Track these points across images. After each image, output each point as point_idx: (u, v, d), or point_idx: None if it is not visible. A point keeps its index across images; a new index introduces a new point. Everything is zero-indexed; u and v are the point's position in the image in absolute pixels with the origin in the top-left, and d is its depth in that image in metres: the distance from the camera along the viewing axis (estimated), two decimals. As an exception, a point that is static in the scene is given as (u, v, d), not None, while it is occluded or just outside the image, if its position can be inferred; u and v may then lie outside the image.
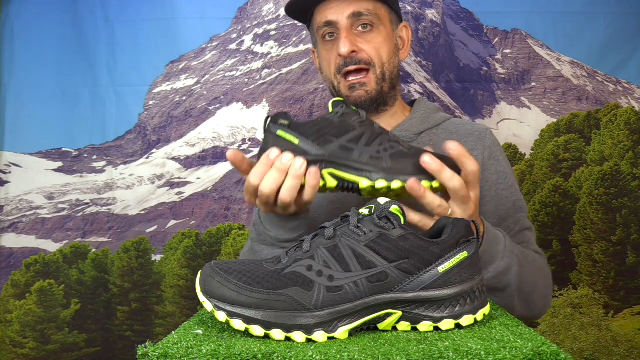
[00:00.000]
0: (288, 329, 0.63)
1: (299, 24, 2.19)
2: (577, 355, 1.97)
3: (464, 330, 0.67)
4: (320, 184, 0.81)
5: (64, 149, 2.15)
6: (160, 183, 2.17)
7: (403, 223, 0.69)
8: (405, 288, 0.66)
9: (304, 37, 2.21)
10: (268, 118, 0.84)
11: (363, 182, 0.80)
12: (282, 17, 2.22)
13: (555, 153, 2.10)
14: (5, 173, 2.11)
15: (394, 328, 0.68)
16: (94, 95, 2.11)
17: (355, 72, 1.13)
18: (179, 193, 2.17)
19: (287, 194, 0.82)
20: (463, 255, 0.68)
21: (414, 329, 0.68)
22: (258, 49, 2.23)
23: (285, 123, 0.82)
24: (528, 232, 1.18)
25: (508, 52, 2.18)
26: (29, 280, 2.06)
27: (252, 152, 2.17)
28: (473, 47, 2.19)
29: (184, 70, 2.19)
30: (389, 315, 0.67)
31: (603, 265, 2.03)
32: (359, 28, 1.13)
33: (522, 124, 2.16)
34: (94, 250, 2.11)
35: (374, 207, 0.69)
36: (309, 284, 0.65)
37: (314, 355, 0.58)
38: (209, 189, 2.16)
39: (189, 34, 2.14)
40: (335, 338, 0.64)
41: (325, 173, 0.81)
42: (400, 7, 1.26)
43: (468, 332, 0.67)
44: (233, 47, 2.22)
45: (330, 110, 0.85)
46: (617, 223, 2.03)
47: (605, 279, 2.02)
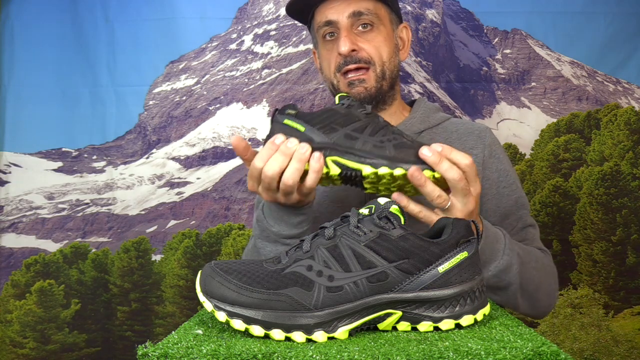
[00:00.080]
0: (288, 329, 0.63)
1: (299, 24, 2.19)
2: (577, 355, 1.97)
3: (464, 330, 0.67)
4: (324, 171, 0.82)
5: (64, 149, 2.15)
6: (160, 183, 2.17)
7: (403, 223, 0.69)
8: (405, 288, 0.66)
9: (304, 37, 2.21)
10: (276, 110, 0.86)
11: (366, 169, 0.81)
12: (282, 17, 2.22)
13: (555, 153, 2.10)
14: (5, 173, 2.11)
15: (394, 328, 0.68)
16: (94, 95, 2.11)
17: (355, 70, 1.13)
18: (179, 193, 2.17)
19: (290, 177, 0.82)
20: (463, 255, 0.68)
21: (414, 329, 0.68)
22: (258, 49, 2.22)
23: (293, 112, 0.85)
24: (531, 229, 1.18)
25: (508, 52, 2.18)
26: (29, 280, 2.06)
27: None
28: (473, 47, 2.19)
29: (184, 70, 2.19)
30: (389, 315, 0.67)
31: (603, 265, 2.03)
32: (359, 27, 1.13)
33: (522, 124, 2.16)
34: (94, 250, 2.11)
35: (374, 207, 0.69)
36: (309, 284, 0.65)
37: (314, 355, 0.58)
38: (209, 189, 2.16)
39: (189, 34, 2.14)
40: (335, 338, 0.64)
41: (329, 160, 0.82)
42: (400, 7, 1.26)
43: (468, 332, 0.67)
44: (233, 47, 2.22)
45: (337, 103, 0.87)
46: (617, 223, 2.03)
47: (605, 279, 2.02)
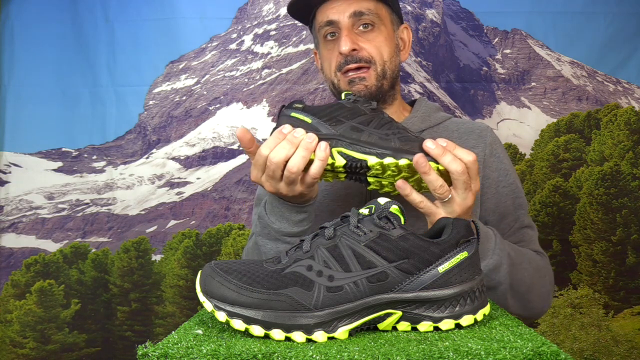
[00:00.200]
0: (288, 329, 0.63)
1: (299, 24, 2.19)
2: (577, 355, 1.97)
3: (464, 330, 0.67)
4: (329, 162, 0.83)
5: (64, 149, 2.15)
6: (160, 183, 2.17)
7: (403, 223, 0.69)
8: (405, 288, 0.66)
9: (304, 37, 2.21)
10: (283, 106, 0.88)
11: (371, 159, 0.82)
12: (282, 17, 2.22)
13: (555, 153, 2.10)
14: (5, 173, 2.11)
15: (394, 328, 0.68)
16: (94, 95, 2.11)
17: (356, 69, 1.13)
18: (179, 193, 2.17)
19: (295, 164, 0.83)
20: (463, 255, 0.68)
21: (414, 329, 0.68)
22: (258, 49, 2.22)
23: (300, 106, 0.87)
24: (529, 230, 1.18)
25: (508, 52, 2.18)
26: (29, 280, 2.06)
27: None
28: (473, 47, 2.19)
29: (184, 70, 2.19)
30: (389, 315, 0.67)
31: (603, 265, 2.03)
32: (360, 27, 1.13)
33: (522, 124, 2.16)
34: (94, 250, 2.11)
35: (374, 207, 0.69)
36: (309, 284, 0.65)
37: (314, 355, 0.58)
38: (209, 189, 2.16)
39: (189, 34, 2.14)
40: (335, 338, 0.64)
41: (335, 151, 0.84)
42: (400, 7, 1.26)
43: (468, 332, 0.67)
44: (233, 47, 2.22)
45: (343, 98, 0.90)
46: (617, 223, 2.03)
47: (605, 279, 2.02)
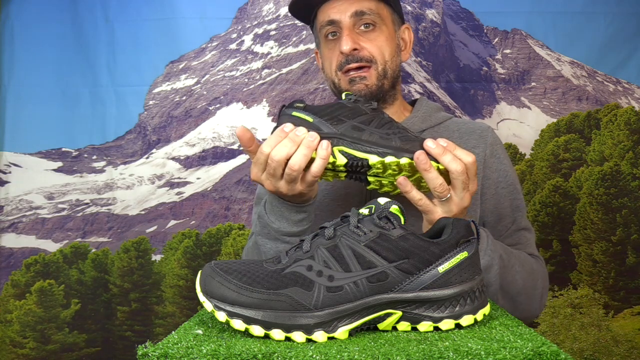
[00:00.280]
0: (288, 329, 0.63)
1: (299, 24, 2.19)
2: (577, 355, 1.97)
3: (464, 330, 0.67)
4: (331, 160, 0.84)
5: (64, 149, 2.15)
6: (160, 183, 2.17)
7: (403, 223, 0.69)
8: (405, 288, 0.66)
9: (304, 37, 2.21)
10: (283, 106, 0.89)
11: (372, 157, 0.83)
12: (282, 17, 2.22)
13: (555, 153, 2.10)
14: (5, 173, 2.11)
15: (394, 328, 0.68)
16: (94, 95, 2.11)
17: (357, 69, 1.13)
18: (179, 193, 2.17)
19: (296, 162, 0.83)
20: (463, 255, 0.68)
21: (414, 329, 0.68)
22: (258, 49, 2.22)
23: (301, 106, 0.87)
24: (526, 232, 1.18)
25: (508, 52, 2.18)
26: (29, 280, 2.06)
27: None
28: (473, 47, 2.19)
29: (184, 70, 2.19)
30: (389, 315, 0.67)
31: (603, 265, 2.03)
32: (361, 27, 1.13)
33: (522, 124, 2.16)
34: (94, 250, 2.11)
35: (374, 207, 0.69)
36: (309, 284, 0.65)
37: (314, 355, 0.58)
38: (209, 189, 2.16)
39: (189, 34, 2.14)
40: (335, 338, 0.64)
41: (336, 150, 0.84)
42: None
43: (468, 332, 0.67)
44: (233, 47, 2.22)
45: (343, 99, 0.90)
46: (617, 223, 2.03)
47: (605, 279, 2.02)
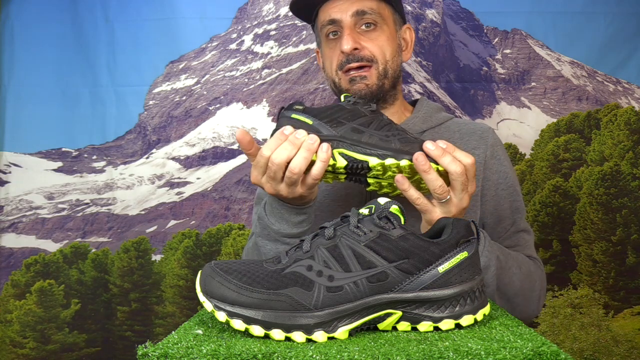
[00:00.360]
0: (288, 329, 0.63)
1: (299, 24, 2.19)
2: (577, 355, 1.97)
3: (464, 330, 0.67)
4: (331, 163, 0.84)
5: (64, 149, 2.15)
6: (160, 183, 2.17)
7: (403, 223, 0.69)
8: (405, 288, 0.66)
9: (304, 37, 2.21)
10: (282, 108, 0.89)
11: (372, 160, 0.83)
12: (282, 17, 2.22)
13: (555, 153, 2.10)
14: (5, 173, 2.11)
15: (394, 328, 0.68)
16: (94, 95, 2.11)
17: (357, 68, 1.13)
18: (179, 193, 2.17)
19: (297, 166, 0.83)
20: (463, 255, 0.68)
21: (414, 329, 0.68)
22: (258, 49, 2.22)
23: (300, 108, 0.87)
24: (525, 234, 1.18)
25: (508, 52, 2.18)
26: (29, 280, 2.06)
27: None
28: (473, 47, 2.19)
29: (184, 70, 2.19)
30: (389, 315, 0.67)
31: (603, 265, 2.03)
32: (363, 27, 1.13)
33: (522, 124, 2.16)
34: (94, 250, 2.11)
35: (374, 207, 0.69)
36: (309, 284, 0.65)
37: (314, 355, 0.58)
38: (209, 189, 2.16)
39: (189, 34, 2.14)
40: (335, 338, 0.64)
41: (336, 153, 0.84)
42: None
43: (468, 332, 0.67)
44: (233, 47, 2.22)
45: (342, 100, 0.91)
46: (617, 223, 2.03)
47: (605, 279, 2.02)
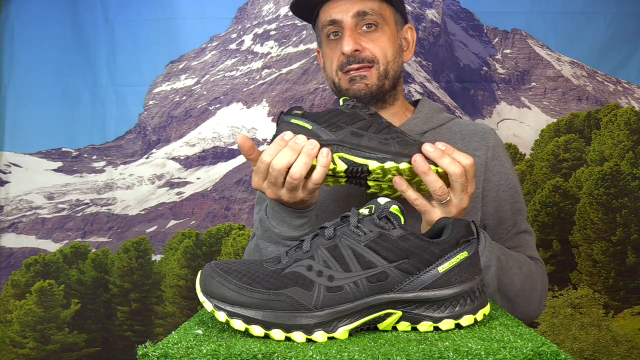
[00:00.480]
0: (288, 329, 0.63)
1: (299, 24, 2.19)
2: (577, 355, 1.97)
3: (464, 330, 0.67)
4: (331, 167, 0.85)
5: (64, 149, 2.15)
6: (160, 183, 2.17)
7: (403, 223, 0.69)
8: (405, 288, 0.66)
9: (304, 37, 2.21)
10: (282, 113, 0.90)
11: (372, 163, 0.84)
12: (282, 17, 2.22)
13: (555, 153, 2.10)
14: (5, 173, 2.11)
15: (394, 328, 0.68)
16: (94, 95, 2.11)
17: (357, 68, 1.12)
18: (179, 193, 2.17)
19: (297, 171, 0.84)
20: (463, 255, 0.68)
21: (414, 329, 0.68)
22: (258, 49, 2.22)
23: (299, 113, 0.88)
24: (526, 235, 1.17)
25: (508, 52, 2.18)
26: (29, 280, 2.06)
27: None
28: (473, 47, 2.19)
29: (184, 70, 2.19)
30: (389, 315, 0.67)
31: (603, 265, 2.03)
32: (364, 27, 1.13)
33: (522, 124, 2.16)
34: (94, 250, 2.11)
35: (374, 207, 0.69)
36: (309, 284, 0.65)
37: (314, 355, 0.58)
38: (209, 189, 2.16)
39: (189, 34, 2.14)
40: (335, 338, 0.64)
41: (336, 157, 0.85)
42: (401, 7, 1.25)
43: (468, 332, 0.67)
44: (233, 47, 2.22)
45: (341, 104, 0.91)
46: (617, 223, 2.03)
47: (605, 279, 2.02)
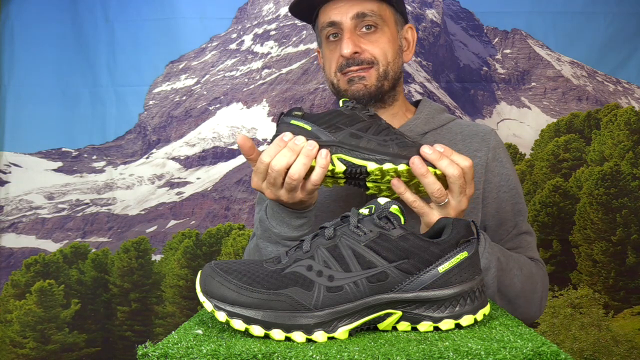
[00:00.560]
0: (288, 329, 0.63)
1: (299, 24, 2.19)
2: (577, 355, 1.97)
3: (464, 330, 0.67)
4: (330, 168, 0.85)
5: (64, 149, 2.15)
6: (160, 183, 2.17)
7: (403, 223, 0.69)
8: (405, 288, 0.66)
9: (304, 37, 2.21)
10: (282, 114, 0.90)
11: (371, 165, 0.84)
12: (282, 17, 2.22)
13: (555, 153, 2.10)
14: (5, 173, 2.11)
15: (394, 328, 0.68)
16: (94, 95, 2.11)
17: (356, 70, 1.12)
18: (179, 193, 2.17)
19: (296, 172, 0.84)
20: (463, 255, 0.68)
21: (414, 329, 0.68)
22: (258, 49, 2.22)
23: (299, 114, 0.89)
24: (527, 236, 1.17)
25: (508, 52, 2.18)
26: (29, 280, 2.06)
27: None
28: (473, 47, 2.19)
29: (184, 70, 2.19)
30: (389, 315, 0.67)
31: (603, 265, 2.03)
32: (363, 29, 1.12)
33: (522, 124, 2.16)
34: (94, 250, 2.11)
35: (374, 207, 0.69)
36: (309, 284, 0.65)
37: (314, 355, 0.58)
38: (209, 189, 2.16)
39: (189, 34, 2.14)
40: (335, 338, 0.64)
41: (335, 158, 0.86)
42: (401, 7, 1.25)
43: (468, 332, 0.67)
44: (233, 47, 2.22)
45: (341, 106, 0.92)
46: (617, 223, 2.03)
47: (605, 279, 2.02)
